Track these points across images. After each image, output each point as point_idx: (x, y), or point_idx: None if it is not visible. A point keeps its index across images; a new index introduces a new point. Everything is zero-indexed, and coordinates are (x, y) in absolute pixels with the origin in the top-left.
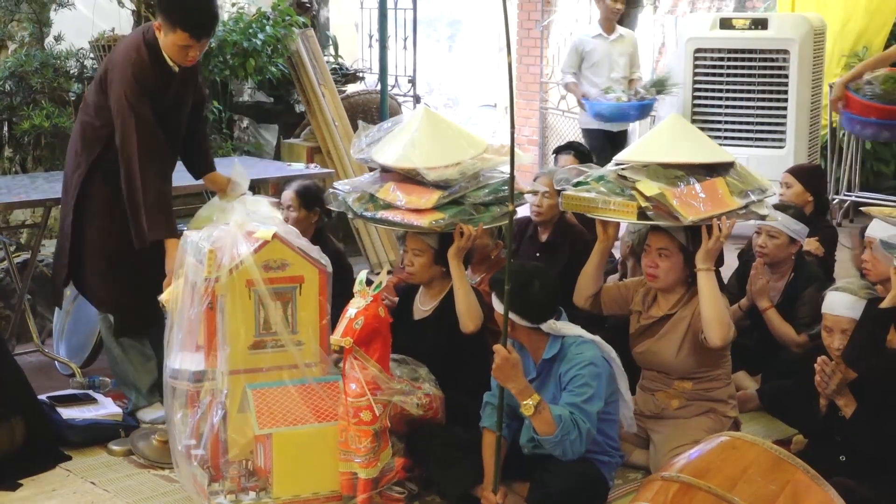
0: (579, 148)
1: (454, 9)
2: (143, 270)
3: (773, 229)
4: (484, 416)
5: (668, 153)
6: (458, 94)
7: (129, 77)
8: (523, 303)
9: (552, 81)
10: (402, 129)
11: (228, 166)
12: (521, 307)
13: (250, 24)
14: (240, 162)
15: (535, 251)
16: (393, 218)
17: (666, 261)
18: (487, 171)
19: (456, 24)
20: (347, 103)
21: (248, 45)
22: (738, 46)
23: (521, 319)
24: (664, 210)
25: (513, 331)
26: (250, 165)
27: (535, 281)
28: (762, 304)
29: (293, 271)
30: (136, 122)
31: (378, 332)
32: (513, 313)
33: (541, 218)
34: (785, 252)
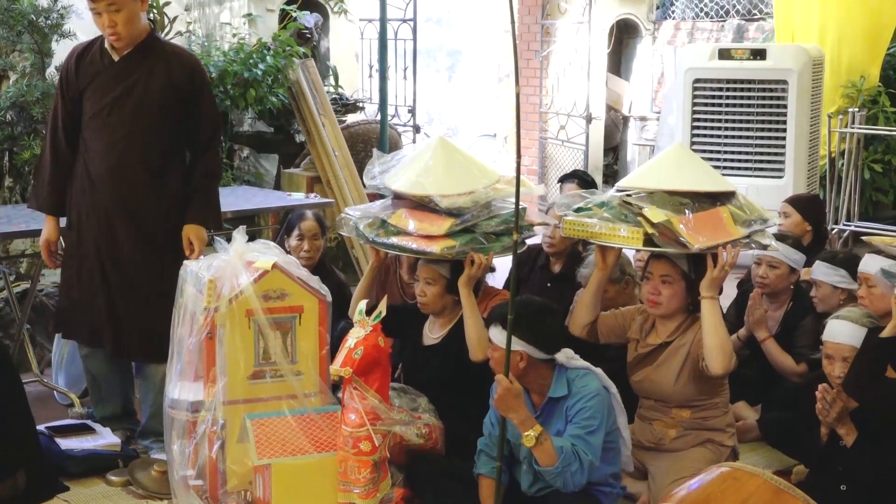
0: (583, 176)
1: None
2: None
3: (773, 259)
4: (479, 464)
5: (674, 181)
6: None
7: None
8: (540, 332)
9: (551, 111)
10: (416, 158)
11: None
12: (537, 337)
13: (251, 54)
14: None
15: (546, 282)
16: (404, 244)
17: (668, 288)
18: (499, 201)
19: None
20: (347, 133)
21: (248, 76)
22: (737, 77)
23: (536, 350)
24: (671, 237)
25: (519, 369)
26: (251, 195)
27: (547, 310)
28: (760, 334)
29: (293, 301)
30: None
31: (377, 361)
32: (527, 345)
33: (553, 250)
34: (785, 282)
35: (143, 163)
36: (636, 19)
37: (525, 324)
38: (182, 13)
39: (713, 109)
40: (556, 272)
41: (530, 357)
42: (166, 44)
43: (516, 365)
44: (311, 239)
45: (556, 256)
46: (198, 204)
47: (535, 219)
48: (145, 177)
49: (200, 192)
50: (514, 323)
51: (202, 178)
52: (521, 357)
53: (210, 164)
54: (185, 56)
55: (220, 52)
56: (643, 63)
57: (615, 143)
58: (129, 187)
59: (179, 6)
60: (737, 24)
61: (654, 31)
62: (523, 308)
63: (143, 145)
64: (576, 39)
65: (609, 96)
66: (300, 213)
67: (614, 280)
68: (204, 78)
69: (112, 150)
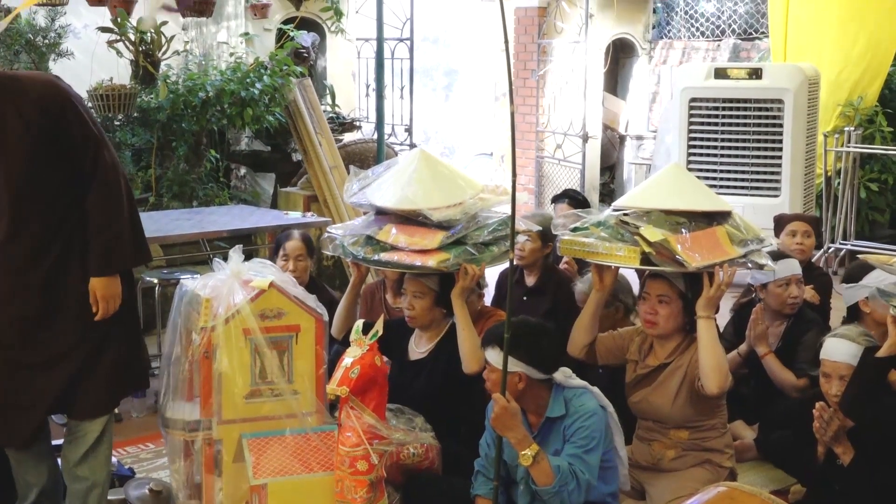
0: (575, 196)
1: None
2: None
3: (799, 277)
4: (476, 485)
5: (670, 200)
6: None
7: None
8: (538, 352)
9: (548, 130)
10: (397, 172)
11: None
12: (535, 358)
13: (248, 73)
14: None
15: (522, 295)
16: (397, 260)
17: (665, 307)
18: (486, 211)
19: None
20: (344, 152)
21: (245, 95)
22: (733, 96)
23: (534, 371)
24: (668, 256)
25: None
26: (247, 214)
27: (543, 330)
28: (761, 349)
29: (290, 320)
30: None
31: (374, 381)
32: (526, 365)
33: (524, 262)
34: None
35: (19, 226)
36: (632, 39)
37: (523, 344)
38: (179, 32)
39: (709, 128)
40: (530, 285)
41: (529, 378)
42: (4, 77)
43: (515, 386)
44: (296, 259)
45: (528, 269)
46: (100, 250)
47: (518, 226)
48: (30, 245)
49: (99, 236)
50: (513, 344)
51: (97, 217)
52: (519, 378)
53: (102, 200)
54: (28, 82)
55: (218, 72)
56: (639, 82)
57: (612, 162)
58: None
59: (176, 25)
60: (733, 44)
61: (651, 50)
62: (520, 328)
63: (13, 201)
64: (572, 58)
65: (605, 115)
66: (287, 233)
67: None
68: (62, 98)
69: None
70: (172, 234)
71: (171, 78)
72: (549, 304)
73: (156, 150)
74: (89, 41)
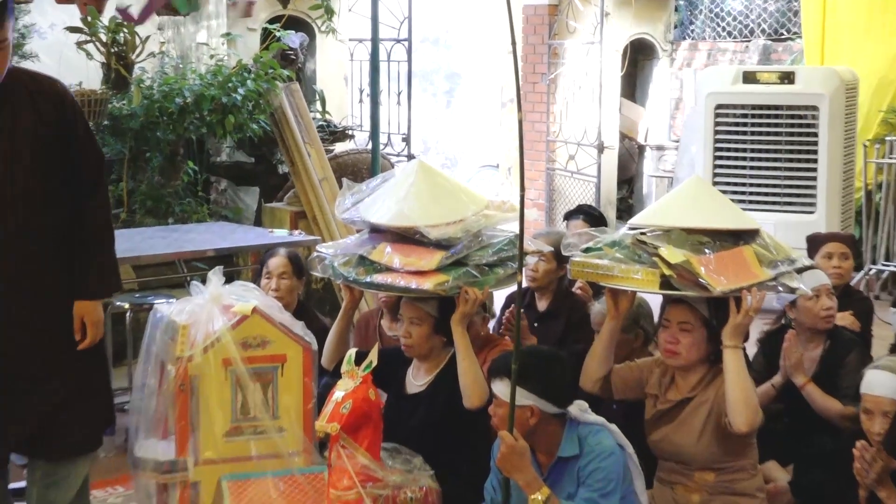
0: (590, 211)
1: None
2: None
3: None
4: None
5: (692, 217)
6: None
7: None
8: (551, 383)
9: (559, 140)
10: (394, 186)
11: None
12: (549, 389)
13: (230, 77)
14: (219, 228)
15: (533, 320)
16: (391, 282)
17: (688, 336)
18: (490, 229)
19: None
20: (335, 163)
21: (227, 101)
22: (763, 102)
23: (548, 404)
24: (690, 279)
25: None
26: (228, 232)
27: (557, 359)
28: (799, 379)
29: (275, 349)
30: None
31: (368, 417)
32: (539, 398)
33: (536, 284)
34: None
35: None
36: (652, 39)
37: (535, 375)
38: (155, 32)
39: (737, 138)
40: (542, 310)
41: (542, 412)
42: (20, 71)
43: (526, 421)
44: (280, 277)
45: (540, 292)
46: (96, 271)
47: (528, 246)
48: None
49: (97, 253)
50: (523, 374)
51: (96, 232)
52: (531, 412)
53: (102, 213)
54: (45, 81)
55: (197, 75)
56: (660, 87)
57: (630, 175)
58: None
59: (152, 25)
60: (762, 45)
61: (672, 52)
62: (531, 357)
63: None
64: (586, 61)
65: (623, 123)
66: (273, 251)
67: (624, 329)
68: (77, 105)
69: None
70: (146, 254)
71: (146, 82)
72: (563, 330)
73: (128, 161)
74: (56, 42)
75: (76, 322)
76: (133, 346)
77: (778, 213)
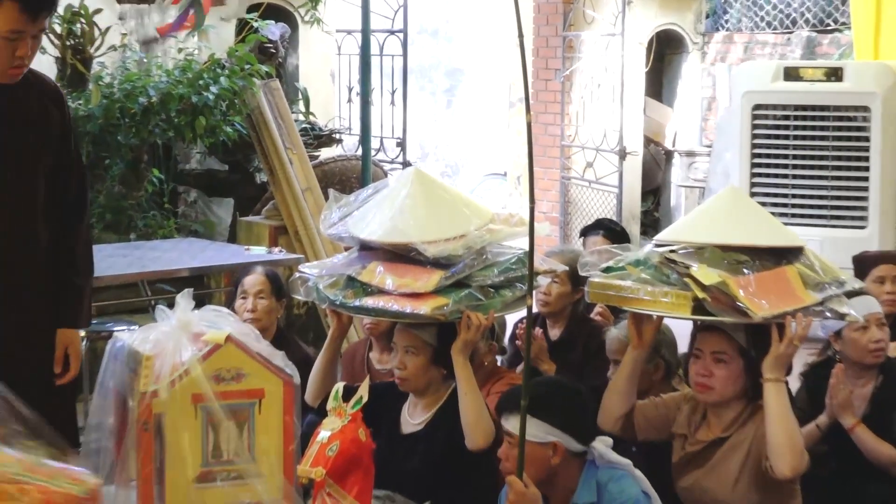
0: (611, 226)
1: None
2: None
3: (880, 316)
4: None
5: (727, 233)
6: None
7: None
8: (576, 416)
9: (576, 145)
10: (387, 197)
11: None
12: (573, 423)
13: (201, 73)
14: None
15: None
16: (384, 306)
17: (723, 368)
18: (495, 245)
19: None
20: (321, 171)
21: (197, 100)
22: (807, 102)
23: (572, 441)
24: (726, 303)
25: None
26: (198, 250)
27: (576, 390)
28: (847, 420)
29: (251, 383)
30: None
31: (358, 460)
32: (562, 433)
33: (548, 309)
34: None
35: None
36: (681, 31)
37: (558, 406)
38: (116, 23)
39: (778, 143)
40: (555, 339)
41: (566, 450)
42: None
43: (547, 461)
44: (256, 297)
45: (553, 318)
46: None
47: (540, 265)
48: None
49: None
50: (544, 407)
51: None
52: (554, 450)
53: (88, 234)
54: (46, 78)
55: (163, 71)
56: (690, 85)
57: (656, 185)
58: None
59: (112, 14)
60: (806, 37)
61: (704, 45)
62: (551, 387)
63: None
64: (606, 55)
65: (648, 126)
66: (248, 268)
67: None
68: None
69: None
70: (104, 275)
71: (106, 79)
72: (579, 361)
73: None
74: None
75: (58, 352)
76: (89, 379)
77: (824, 229)
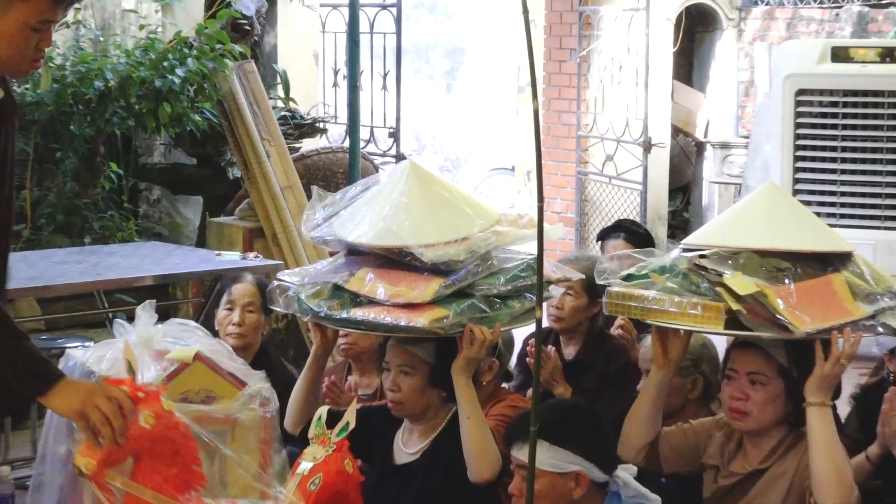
0: (633, 229)
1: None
2: None
3: None
4: None
5: (766, 237)
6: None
7: None
8: (599, 443)
9: (594, 135)
10: (377, 195)
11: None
12: (597, 450)
13: (165, 54)
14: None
15: None
16: (374, 318)
17: (760, 391)
18: (501, 250)
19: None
20: (303, 166)
21: (161, 85)
22: (859, 86)
23: (596, 469)
24: (764, 316)
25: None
26: (162, 255)
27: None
28: None
29: (224, 408)
30: None
31: (344, 496)
32: (585, 461)
33: (562, 325)
34: None
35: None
36: (714, 5)
37: (578, 431)
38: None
39: (825, 133)
40: (569, 359)
41: (590, 480)
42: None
43: (569, 494)
44: (245, 309)
45: (567, 335)
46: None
47: (551, 273)
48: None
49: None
50: (564, 433)
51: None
52: (577, 481)
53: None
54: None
55: (122, 52)
56: (725, 67)
57: (686, 181)
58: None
59: None
60: (857, 12)
61: (741, 21)
62: (565, 411)
63: None
64: (628, 33)
65: (676, 114)
66: (237, 275)
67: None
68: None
69: None
70: (55, 284)
71: (57, 60)
72: (597, 385)
73: (32, 162)
74: None
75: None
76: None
77: (877, 231)
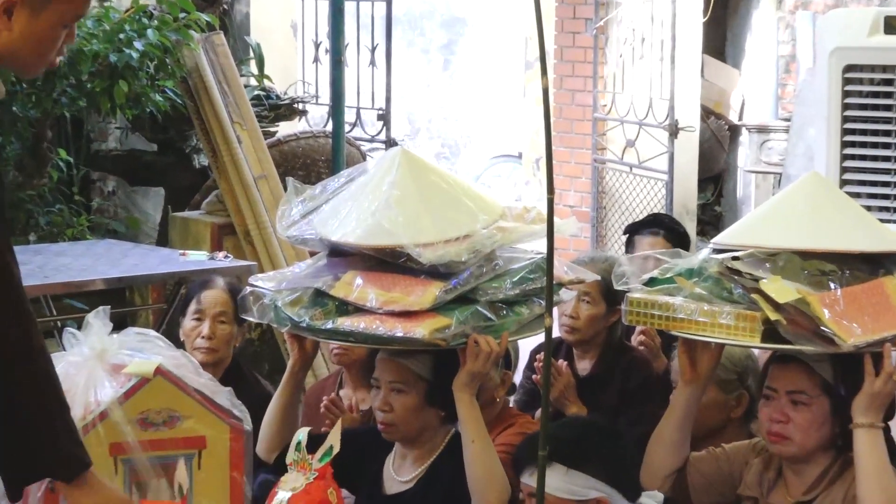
0: (672, 226)
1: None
2: None
3: None
4: None
5: (809, 235)
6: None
7: None
8: (622, 466)
9: (612, 118)
10: (365, 187)
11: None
12: (620, 473)
13: (121, 25)
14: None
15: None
16: (365, 329)
17: (803, 412)
18: (508, 249)
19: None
20: (279, 152)
21: (116, 60)
22: None
23: (618, 496)
24: (807, 327)
25: None
26: (118, 255)
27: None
28: None
29: (189, 429)
30: None
31: None
32: (606, 485)
33: (576, 336)
34: None
35: None
36: None
37: (598, 453)
38: None
39: (877, 115)
40: (584, 374)
41: None
42: None
43: None
44: (216, 320)
45: (582, 348)
46: None
47: (563, 275)
48: None
49: None
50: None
51: None
52: None
53: None
54: None
55: None
56: (762, 40)
57: (718, 170)
58: None
59: None
60: None
61: None
62: (583, 431)
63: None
64: (652, 1)
65: (707, 94)
66: (207, 278)
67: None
68: None
69: None
70: None
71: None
72: (616, 403)
73: None
74: None
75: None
76: None
77: None
